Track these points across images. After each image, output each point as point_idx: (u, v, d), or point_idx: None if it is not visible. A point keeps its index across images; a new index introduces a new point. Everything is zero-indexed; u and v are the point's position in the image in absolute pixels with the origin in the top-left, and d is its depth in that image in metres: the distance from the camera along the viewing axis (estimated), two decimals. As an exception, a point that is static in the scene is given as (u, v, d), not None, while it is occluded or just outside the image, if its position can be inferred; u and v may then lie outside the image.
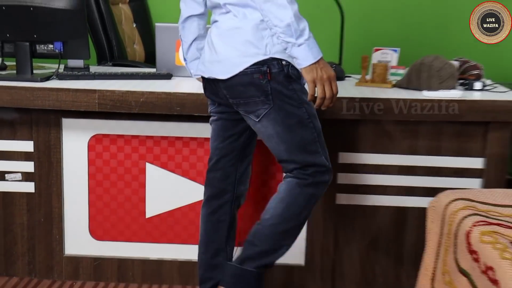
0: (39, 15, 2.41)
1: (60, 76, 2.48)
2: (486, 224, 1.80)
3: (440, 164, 2.45)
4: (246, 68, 1.95)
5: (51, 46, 2.48)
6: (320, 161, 2.04)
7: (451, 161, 2.44)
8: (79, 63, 2.65)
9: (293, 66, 1.97)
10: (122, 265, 2.57)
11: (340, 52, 2.92)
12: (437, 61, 2.45)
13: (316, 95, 1.91)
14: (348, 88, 2.52)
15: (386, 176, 2.47)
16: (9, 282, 2.52)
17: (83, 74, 2.55)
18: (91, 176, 2.50)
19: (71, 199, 2.55)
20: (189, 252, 2.55)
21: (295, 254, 2.47)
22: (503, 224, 1.80)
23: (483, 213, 1.90)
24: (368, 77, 2.63)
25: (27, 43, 2.43)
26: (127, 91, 2.31)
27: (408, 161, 2.45)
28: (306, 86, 1.96)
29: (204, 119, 2.35)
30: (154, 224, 2.55)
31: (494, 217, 1.88)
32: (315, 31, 2.60)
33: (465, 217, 1.88)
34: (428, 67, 2.43)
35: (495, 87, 2.58)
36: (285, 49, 1.92)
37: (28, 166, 2.50)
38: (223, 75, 1.98)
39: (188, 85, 2.51)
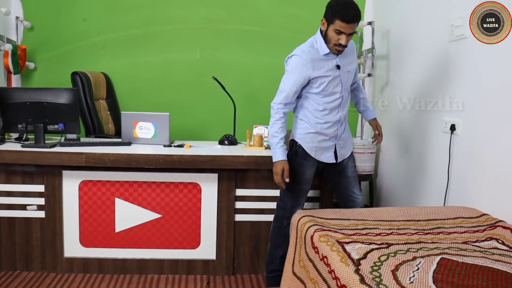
0: (49, 107, 3.15)
1: (62, 144, 3.19)
2: (322, 230, 2.33)
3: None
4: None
5: (56, 126, 3.19)
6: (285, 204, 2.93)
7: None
8: (73, 136, 3.31)
9: (301, 147, 2.86)
10: (100, 262, 3.22)
11: (234, 128, 3.76)
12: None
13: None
14: (239, 150, 3.31)
15: (265, 203, 3.23)
16: (28, 275, 3.16)
17: (76, 143, 3.25)
18: (80, 206, 3.17)
19: (68, 221, 3.19)
20: (143, 254, 3.24)
21: (209, 252, 3.24)
22: (331, 230, 2.35)
23: (320, 224, 2.43)
24: (251, 143, 3.43)
25: (42, 124, 3.16)
26: (103, 153, 3.00)
27: (276, 193, 3.10)
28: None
29: (151, 170, 3.12)
30: (121, 236, 3.21)
31: (326, 225, 2.42)
32: (218, 117, 3.68)
33: (310, 226, 2.41)
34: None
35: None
36: None
37: (41, 201, 3.16)
38: None
39: (141, 149, 3.22)
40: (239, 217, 3.28)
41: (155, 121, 3.46)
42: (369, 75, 4.45)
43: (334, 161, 2.97)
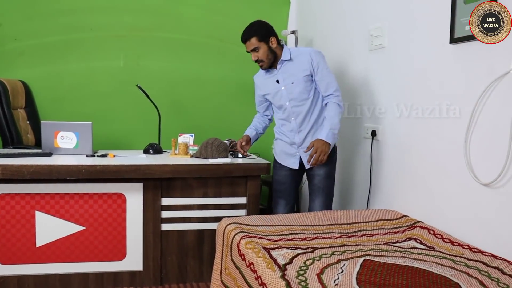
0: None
1: (-24, 156, 3.01)
2: (248, 237, 2.36)
3: (221, 202, 3.27)
4: None
5: (-31, 137, 3.02)
6: None
7: (228, 200, 3.28)
8: (-11, 147, 3.13)
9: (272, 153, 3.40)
10: (20, 280, 3.06)
11: (159, 137, 3.73)
12: (216, 141, 3.30)
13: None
14: (165, 159, 3.28)
15: (191, 211, 3.22)
16: None
17: (-8, 154, 3.07)
18: (-2, 221, 3.01)
19: (-15, 237, 3.02)
20: (66, 268, 3.13)
21: (136, 263, 3.19)
22: (258, 236, 2.39)
23: (246, 231, 2.47)
24: (176, 151, 3.42)
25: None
26: (22, 164, 2.88)
27: (203, 202, 3.24)
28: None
29: (73, 181, 3.03)
30: (42, 251, 3.08)
31: (252, 232, 2.46)
32: (143, 126, 3.66)
33: (236, 233, 2.44)
34: (211, 144, 3.28)
35: (250, 155, 3.45)
36: None
37: (-45, 216, 2.96)
38: None
39: (63, 160, 3.12)
40: (165, 227, 3.23)
41: (77, 130, 3.36)
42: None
43: (297, 167, 3.22)
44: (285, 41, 4.66)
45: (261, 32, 3.09)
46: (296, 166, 3.20)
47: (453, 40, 2.54)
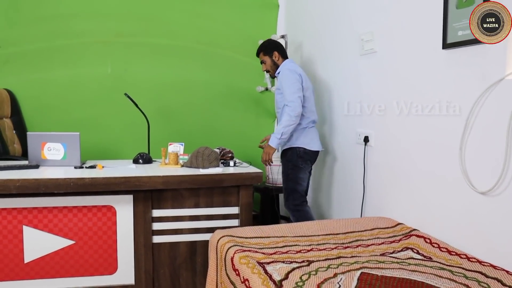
0: None
1: (-40, 171, 2.93)
2: (242, 251, 2.33)
3: (213, 213, 3.22)
4: None
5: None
6: None
7: (220, 210, 3.23)
8: (-27, 160, 3.07)
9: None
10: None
11: (148, 146, 3.68)
12: (207, 150, 3.28)
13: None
14: (155, 169, 3.25)
15: (182, 223, 3.18)
16: None
17: (-24, 168, 3.00)
18: (-15, 237, 2.93)
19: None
20: (56, 284, 3.06)
21: (128, 276, 3.13)
22: (252, 250, 2.35)
23: (239, 244, 2.43)
24: (166, 161, 3.40)
25: None
26: (7, 179, 2.81)
27: (194, 212, 3.19)
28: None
29: (61, 194, 2.97)
30: (31, 266, 3.01)
31: (246, 245, 2.42)
32: (132, 134, 3.59)
33: (230, 247, 2.41)
34: (202, 154, 3.25)
35: (241, 164, 3.46)
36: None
37: None
38: None
39: (50, 172, 3.07)
40: (157, 239, 3.18)
41: (65, 141, 3.31)
42: (283, 87, 4.49)
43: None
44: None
45: (266, 48, 3.79)
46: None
47: (446, 45, 2.51)
